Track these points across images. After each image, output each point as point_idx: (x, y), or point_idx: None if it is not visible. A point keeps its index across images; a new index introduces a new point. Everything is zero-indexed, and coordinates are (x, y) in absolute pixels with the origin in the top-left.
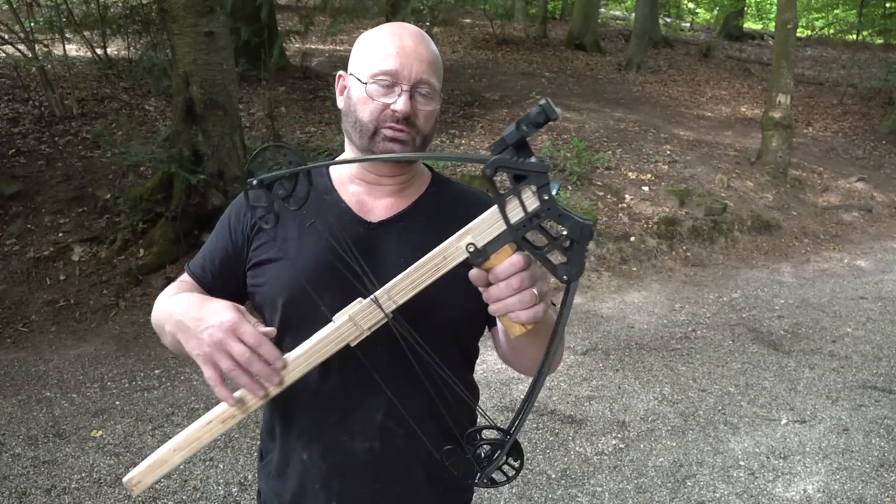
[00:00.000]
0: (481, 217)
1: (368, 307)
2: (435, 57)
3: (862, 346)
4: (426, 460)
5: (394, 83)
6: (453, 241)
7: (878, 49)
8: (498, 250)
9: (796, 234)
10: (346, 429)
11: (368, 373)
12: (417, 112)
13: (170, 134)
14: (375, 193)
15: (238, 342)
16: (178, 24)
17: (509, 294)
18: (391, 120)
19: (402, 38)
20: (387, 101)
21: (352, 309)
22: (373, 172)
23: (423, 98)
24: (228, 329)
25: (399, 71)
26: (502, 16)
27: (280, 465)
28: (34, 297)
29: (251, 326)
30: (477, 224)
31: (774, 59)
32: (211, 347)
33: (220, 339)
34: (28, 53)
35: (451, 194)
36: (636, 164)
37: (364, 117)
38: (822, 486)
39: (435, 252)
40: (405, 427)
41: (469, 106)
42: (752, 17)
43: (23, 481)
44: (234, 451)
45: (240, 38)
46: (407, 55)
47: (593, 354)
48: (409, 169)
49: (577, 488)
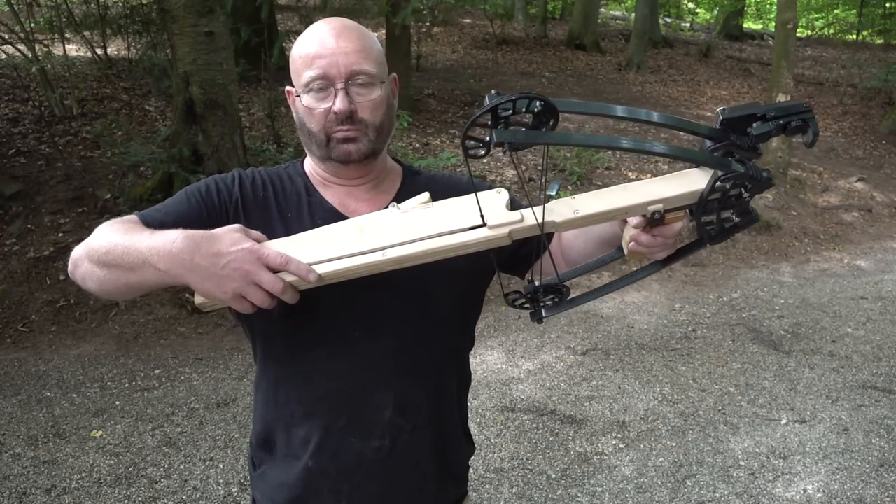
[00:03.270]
0: (677, 182)
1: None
2: (363, 44)
3: (862, 346)
4: (432, 451)
5: (327, 85)
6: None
7: (878, 49)
8: (674, 214)
9: (796, 234)
10: (355, 430)
11: (376, 371)
12: (359, 105)
13: (170, 134)
14: (353, 194)
15: (266, 271)
16: (178, 24)
17: (664, 245)
18: (337, 122)
19: (323, 39)
20: (327, 105)
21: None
22: (340, 176)
23: (361, 88)
24: (253, 258)
25: (327, 72)
26: (502, 16)
27: (282, 474)
28: (34, 297)
29: (271, 249)
30: (671, 191)
31: (774, 59)
32: (239, 283)
33: (247, 271)
34: (28, 53)
35: (424, 183)
36: (636, 164)
37: (314, 128)
38: (822, 486)
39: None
40: (412, 421)
41: (469, 106)
42: (752, 17)
43: (23, 481)
44: (234, 451)
45: (240, 38)
46: (331, 53)
47: (593, 354)
48: (373, 166)
49: (577, 488)
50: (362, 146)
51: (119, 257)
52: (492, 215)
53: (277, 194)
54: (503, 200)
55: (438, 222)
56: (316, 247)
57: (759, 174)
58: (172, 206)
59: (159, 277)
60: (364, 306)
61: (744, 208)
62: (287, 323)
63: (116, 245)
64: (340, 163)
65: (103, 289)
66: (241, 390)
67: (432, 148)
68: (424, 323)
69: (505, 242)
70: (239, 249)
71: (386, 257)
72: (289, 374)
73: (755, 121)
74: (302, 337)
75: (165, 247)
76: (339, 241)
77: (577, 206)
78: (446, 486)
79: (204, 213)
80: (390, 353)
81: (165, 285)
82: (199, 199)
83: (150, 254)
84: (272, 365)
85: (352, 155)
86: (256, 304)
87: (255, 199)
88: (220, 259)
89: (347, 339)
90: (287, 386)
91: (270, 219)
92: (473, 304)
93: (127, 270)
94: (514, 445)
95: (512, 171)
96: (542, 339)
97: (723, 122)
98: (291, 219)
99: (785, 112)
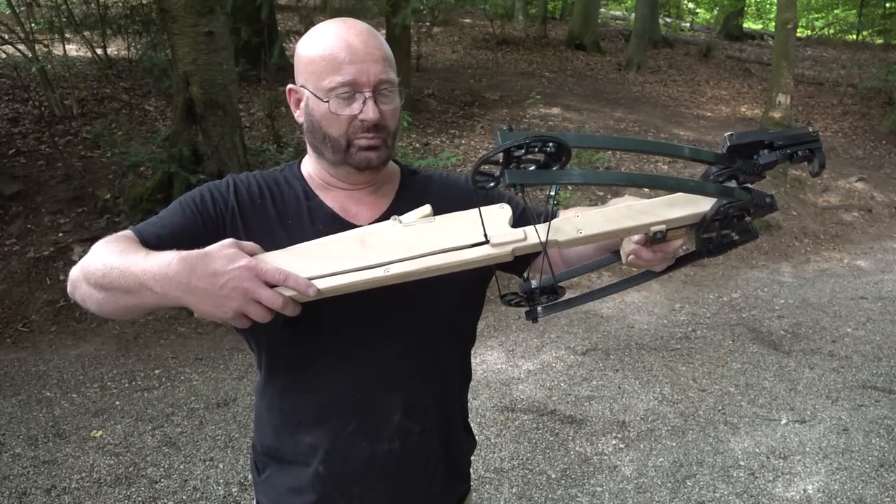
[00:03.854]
0: (682, 205)
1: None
2: (386, 51)
3: (862, 346)
4: (440, 451)
5: (354, 92)
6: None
7: (878, 49)
8: (675, 231)
9: (796, 234)
10: (364, 434)
11: (384, 375)
12: (384, 114)
13: (170, 134)
14: (354, 197)
15: (265, 287)
16: (178, 24)
17: (662, 259)
18: (362, 130)
19: (351, 42)
20: (352, 112)
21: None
22: (349, 181)
23: (385, 97)
24: (251, 276)
25: (357, 79)
26: (502, 16)
27: (291, 480)
28: (34, 297)
29: (268, 264)
30: (674, 214)
31: (774, 59)
32: (239, 301)
33: (246, 289)
34: (28, 53)
35: (422, 182)
36: (636, 164)
37: (334, 133)
38: (822, 486)
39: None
40: (420, 423)
41: (469, 106)
42: (752, 17)
43: (23, 481)
44: (234, 451)
45: (240, 38)
46: (361, 59)
47: (593, 354)
48: (383, 171)
49: (577, 488)
50: (382, 154)
51: (115, 280)
52: (495, 233)
53: (276, 200)
54: (506, 217)
55: (441, 238)
56: (315, 260)
57: (763, 200)
58: (168, 219)
59: (157, 300)
60: (369, 313)
61: (744, 227)
62: (293, 332)
63: (112, 268)
64: (357, 169)
65: (103, 310)
66: (241, 390)
67: (432, 148)
68: (430, 326)
69: (507, 259)
70: (236, 267)
71: (388, 273)
72: (295, 382)
73: (762, 148)
74: (308, 346)
75: (161, 270)
76: (339, 255)
77: (581, 226)
78: (452, 484)
79: (200, 223)
80: (397, 357)
81: (165, 306)
82: (195, 210)
83: (146, 277)
84: (278, 373)
85: (372, 162)
86: (256, 320)
87: (252, 205)
88: (218, 279)
89: (354, 345)
90: (294, 393)
91: (270, 225)
92: (475, 304)
93: (124, 294)
94: (514, 445)
95: None
96: (542, 339)
97: (729, 148)
98: (292, 225)
99: (792, 141)
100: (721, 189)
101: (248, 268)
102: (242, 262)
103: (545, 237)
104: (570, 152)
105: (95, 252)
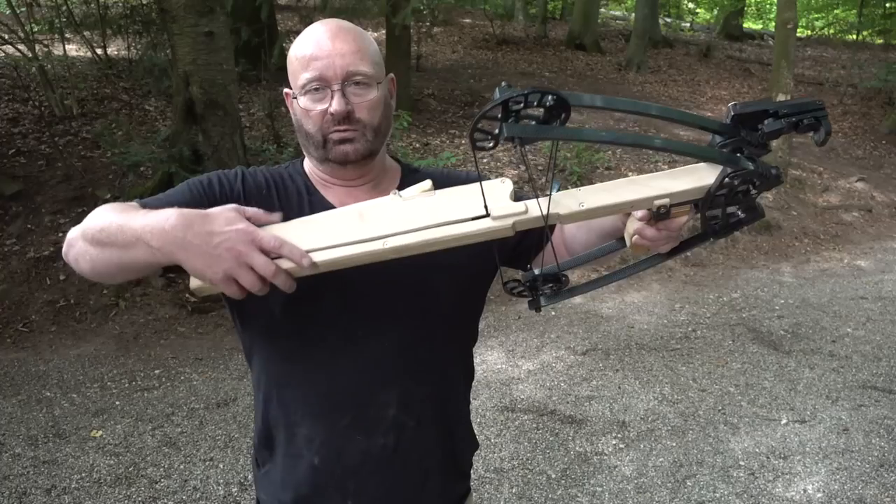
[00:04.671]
0: (684, 178)
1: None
2: (359, 45)
3: (862, 346)
4: (437, 447)
5: (323, 86)
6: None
7: (878, 49)
8: (679, 208)
9: (796, 234)
10: (360, 428)
11: (380, 369)
12: (356, 106)
13: (170, 134)
14: (353, 194)
15: (258, 253)
16: (178, 24)
17: (667, 238)
18: (333, 123)
19: (319, 40)
20: (323, 106)
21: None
22: (338, 177)
23: (358, 89)
24: (246, 239)
25: (323, 74)
26: (502, 16)
27: (285, 473)
28: (34, 297)
29: (266, 232)
30: (677, 187)
31: (774, 59)
32: (231, 263)
33: (239, 252)
34: (28, 53)
35: (423, 179)
36: (636, 164)
37: (311, 129)
38: (822, 486)
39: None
40: (416, 418)
41: (469, 106)
42: (752, 17)
43: (23, 481)
44: (234, 451)
45: (240, 38)
46: (327, 55)
47: (593, 354)
48: (371, 166)
49: (577, 488)
50: (360, 147)
51: (113, 234)
52: (495, 206)
53: (280, 193)
54: (507, 190)
55: (440, 211)
56: (314, 233)
57: (769, 171)
58: (174, 196)
59: (151, 255)
60: (367, 304)
61: (750, 204)
62: (289, 322)
63: (111, 223)
64: (338, 164)
65: (95, 269)
66: (241, 390)
67: (432, 148)
68: (427, 320)
69: (508, 234)
70: (233, 230)
71: (386, 246)
72: (290, 374)
73: (767, 117)
74: (304, 336)
75: (159, 224)
76: (338, 228)
77: (583, 199)
78: (451, 481)
79: (205, 203)
80: (394, 350)
81: (158, 264)
82: (201, 192)
83: (144, 231)
84: (273, 364)
85: (349, 155)
86: (247, 287)
87: (258, 195)
88: (213, 238)
89: (350, 337)
90: (289, 385)
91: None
92: (476, 301)
93: (120, 248)
94: (514, 445)
95: (513, 171)
96: (543, 339)
97: (734, 117)
98: (294, 218)
99: (798, 109)
100: (724, 155)
101: (245, 231)
102: (241, 226)
103: (546, 210)
104: (570, 108)
105: (96, 211)
